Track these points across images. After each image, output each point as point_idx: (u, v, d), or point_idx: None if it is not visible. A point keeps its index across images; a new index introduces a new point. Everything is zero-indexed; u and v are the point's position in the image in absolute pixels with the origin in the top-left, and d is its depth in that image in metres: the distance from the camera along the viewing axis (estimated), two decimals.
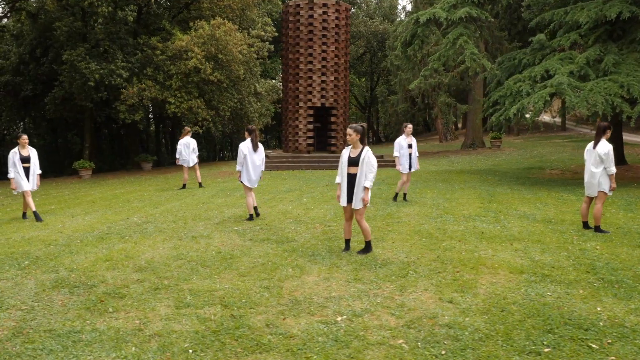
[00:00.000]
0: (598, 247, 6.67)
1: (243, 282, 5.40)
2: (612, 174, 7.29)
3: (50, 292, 5.21)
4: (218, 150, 47.24)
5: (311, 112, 20.73)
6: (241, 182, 8.84)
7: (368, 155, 6.29)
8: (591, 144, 7.48)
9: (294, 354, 3.73)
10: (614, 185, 7.38)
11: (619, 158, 15.97)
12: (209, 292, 5.08)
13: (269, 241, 7.26)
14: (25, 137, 9.50)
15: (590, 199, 7.59)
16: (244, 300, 4.83)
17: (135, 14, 19.38)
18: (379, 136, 55.46)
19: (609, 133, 7.43)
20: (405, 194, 10.61)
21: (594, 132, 32.56)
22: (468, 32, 13.94)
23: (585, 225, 7.72)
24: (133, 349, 3.86)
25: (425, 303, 4.72)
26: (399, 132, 43.27)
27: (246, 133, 8.85)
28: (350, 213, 6.59)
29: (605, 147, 7.27)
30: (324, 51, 20.39)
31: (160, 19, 22.44)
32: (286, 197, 11.66)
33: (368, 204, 6.43)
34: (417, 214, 9.12)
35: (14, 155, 9.37)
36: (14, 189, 9.51)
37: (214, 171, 20.25)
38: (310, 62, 20.42)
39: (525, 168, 17.07)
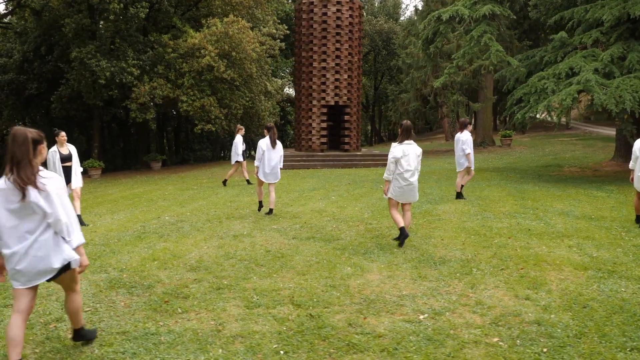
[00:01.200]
0: None
1: (306, 281, 5.26)
2: None
3: (108, 293, 5.06)
4: (219, 149, 46.90)
5: (325, 110, 20.59)
6: (257, 176, 9.18)
7: (390, 150, 6.77)
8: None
9: (391, 355, 3.59)
10: None
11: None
12: (274, 292, 4.95)
13: (314, 239, 7.12)
14: (63, 133, 8.87)
15: None
16: (315, 300, 4.70)
17: (147, 10, 19.17)
18: (381, 136, 55.30)
19: None
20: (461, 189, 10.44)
21: (599, 130, 32.37)
22: (491, 29, 13.84)
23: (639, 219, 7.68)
24: (220, 350, 3.72)
25: (502, 300, 4.60)
26: (425, 132, 43.00)
27: (265, 130, 9.25)
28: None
29: None
30: (337, 49, 20.25)
31: (170, 16, 22.23)
32: (313, 195, 11.52)
33: (386, 196, 6.86)
34: (455, 211, 9.00)
35: (53, 155, 8.68)
36: None
37: (227, 170, 20.07)
38: (324, 60, 20.27)
39: (543, 166, 17.00)
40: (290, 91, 34.55)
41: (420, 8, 27.05)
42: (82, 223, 8.80)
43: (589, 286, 4.96)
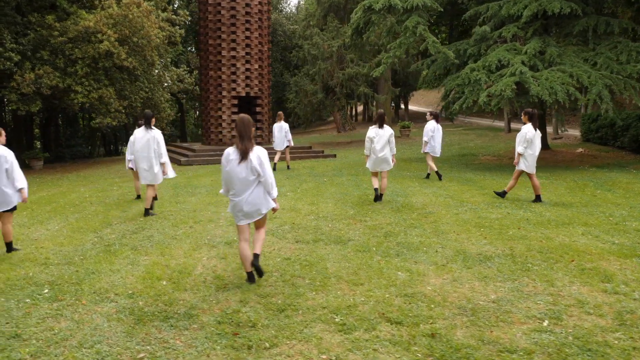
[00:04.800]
0: None
1: (372, 292, 4.61)
2: None
3: (144, 329, 3.97)
4: (98, 145, 42.77)
5: (235, 101, 19.47)
6: (130, 168, 9.65)
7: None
8: None
9: None
10: None
11: (543, 144, 17.28)
12: (352, 308, 4.25)
13: (324, 242, 6.42)
14: None
15: None
16: (410, 315, 4.09)
17: None
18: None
19: None
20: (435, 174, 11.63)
21: (475, 121, 34.76)
22: (423, 20, 13.97)
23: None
24: None
25: (597, 297, 4.40)
26: (312, 123, 42.73)
27: (137, 125, 9.35)
28: None
29: None
30: (247, 37, 19.20)
31: None
32: None
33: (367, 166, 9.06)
34: (433, 203, 8.82)
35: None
36: (165, 174, 8.56)
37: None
38: (234, 49, 19.11)
39: (459, 155, 17.72)
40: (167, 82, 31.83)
41: None
42: (10, 249, 6.44)
43: None
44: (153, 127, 8.42)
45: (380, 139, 8.69)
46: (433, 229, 6.95)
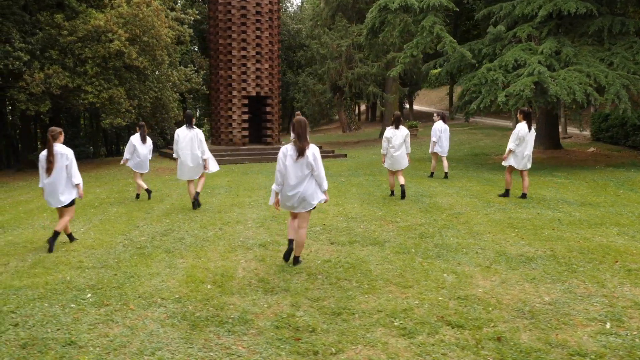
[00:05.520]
0: None
1: (424, 294, 4.58)
2: None
3: (202, 335, 3.93)
4: (99, 145, 42.60)
5: (246, 101, 19.41)
6: (129, 166, 10.39)
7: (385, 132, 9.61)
8: None
9: None
10: None
11: (556, 144, 17.28)
12: (408, 312, 4.21)
13: (359, 244, 6.39)
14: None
15: None
16: (467, 317, 4.06)
17: None
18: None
19: None
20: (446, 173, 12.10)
21: (476, 120, 34.70)
22: (439, 20, 13.93)
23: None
24: None
25: None
26: (318, 122, 42.72)
27: (137, 128, 10.59)
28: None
29: None
30: (258, 37, 19.15)
31: None
32: None
33: (384, 165, 9.57)
34: (459, 203, 8.79)
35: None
36: (207, 169, 9.15)
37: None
38: (244, 49, 19.06)
39: (471, 155, 17.69)
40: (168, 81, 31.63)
41: None
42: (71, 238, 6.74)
43: None
44: (194, 126, 8.91)
45: (396, 139, 9.27)
46: (467, 230, 6.92)
